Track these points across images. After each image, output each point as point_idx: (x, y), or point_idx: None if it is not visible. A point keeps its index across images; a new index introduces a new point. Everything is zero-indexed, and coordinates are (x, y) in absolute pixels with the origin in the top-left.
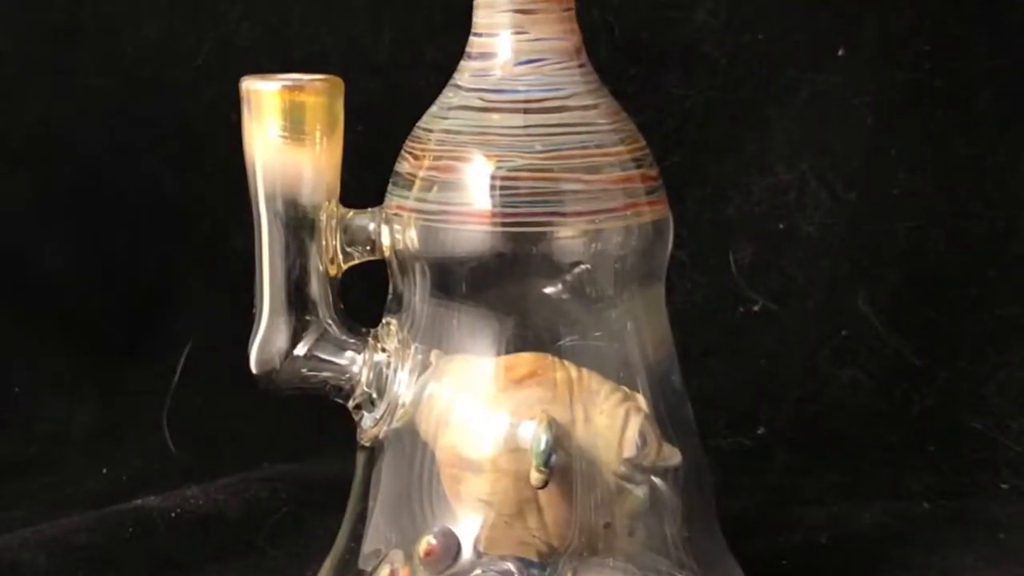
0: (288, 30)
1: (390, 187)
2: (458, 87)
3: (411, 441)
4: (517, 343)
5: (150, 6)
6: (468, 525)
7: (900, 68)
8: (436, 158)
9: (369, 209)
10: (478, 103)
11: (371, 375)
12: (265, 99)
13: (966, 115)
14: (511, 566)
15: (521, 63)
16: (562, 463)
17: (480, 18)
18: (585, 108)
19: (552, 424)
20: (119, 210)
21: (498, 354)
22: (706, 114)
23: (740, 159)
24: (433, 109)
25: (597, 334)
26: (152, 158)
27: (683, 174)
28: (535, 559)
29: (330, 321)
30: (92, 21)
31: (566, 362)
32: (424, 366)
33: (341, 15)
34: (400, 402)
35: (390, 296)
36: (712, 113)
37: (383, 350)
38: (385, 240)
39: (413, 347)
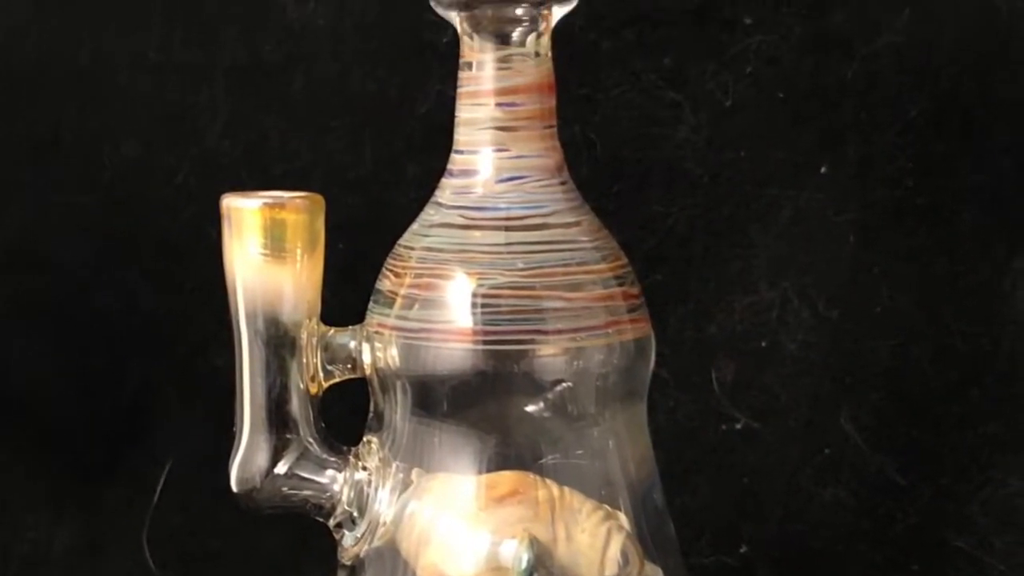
0: (269, 147)
1: (371, 305)
2: (439, 204)
3: (392, 560)
4: (498, 461)
5: (130, 123)
6: None
7: (882, 186)
8: (417, 276)
9: (350, 327)
10: (460, 220)
11: (352, 493)
12: (245, 216)
13: (948, 233)
14: None
15: (503, 180)
16: None
17: (461, 135)
18: (567, 225)
19: (533, 543)
20: (99, 327)
21: (479, 472)
22: (688, 232)
23: (722, 277)
24: (414, 227)
25: (579, 452)
26: (132, 275)
27: (665, 292)
28: None
29: (311, 439)
30: (71, 137)
31: (548, 480)
32: (405, 484)
33: (322, 132)
34: (381, 520)
35: (371, 414)
36: (694, 231)
37: (364, 468)
38: (366, 358)
39: (394, 465)
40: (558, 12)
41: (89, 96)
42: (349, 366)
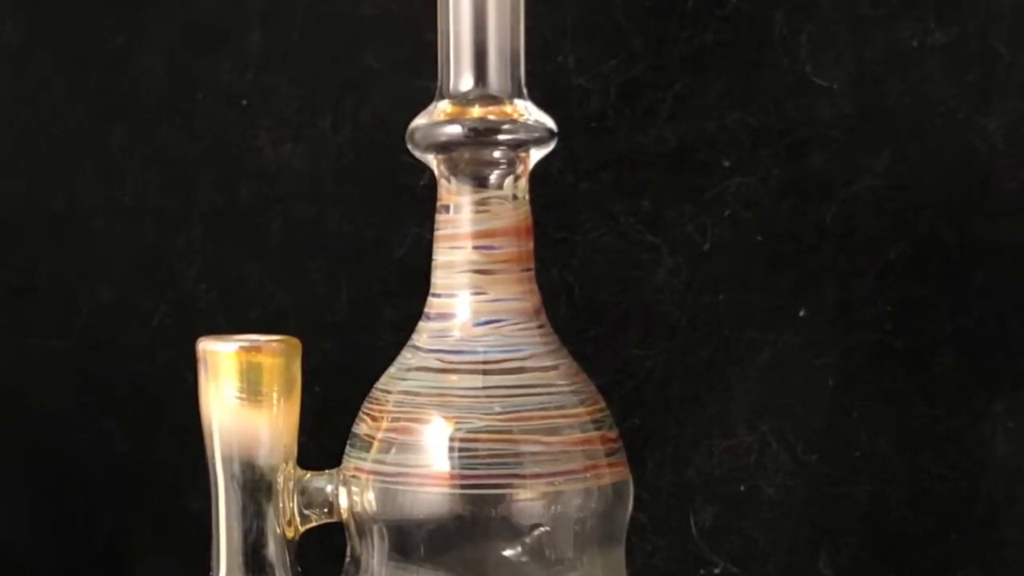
0: (245, 291)
1: (348, 449)
2: (416, 348)
3: None
4: None
5: (106, 267)
6: None
7: (861, 329)
8: (394, 419)
9: (327, 471)
10: (437, 364)
11: None
12: (222, 360)
13: (927, 377)
14: None
15: (480, 324)
16: None
17: (439, 278)
18: (544, 369)
19: None
20: (73, 471)
21: None
22: (666, 375)
23: (701, 421)
24: (391, 370)
25: None
26: (107, 419)
27: (643, 436)
28: None
29: None
30: (47, 281)
31: None
32: None
33: (298, 275)
34: None
35: (348, 559)
36: (672, 374)
37: None
38: (343, 502)
39: None
40: (536, 155)
41: (65, 241)
42: (326, 510)
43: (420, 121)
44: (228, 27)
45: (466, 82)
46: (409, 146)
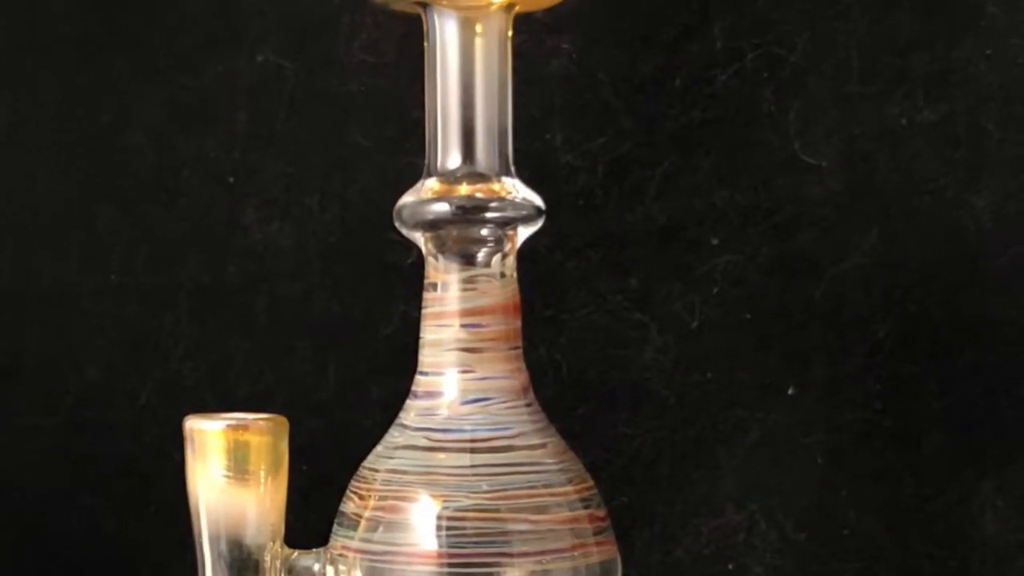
0: (232, 369)
1: (335, 527)
2: (404, 426)
3: None
4: None
5: (91, 346)
6: None
7: (850, 408)
8: (382, 498)
9: (314, 550)
10: (424, 443)
11: None
12: (209, 438)
13: (916, 455)
14: None
15: (467, 402)
16: None
17: (426, 356)
18: (532, 447)
19: None
20: (60, 550)
21: None
22: (654, 453)
23: (689, 499)
24: (379, 449)
25: None
26: (93, 498)
27: (631, 514)
28: None
29: None
30: (32, 361)
31: None
32: None
33: (285, 353)
34: None
35: None
36: (660, 452)
37: None
38: None
39: None
40: (524, 233)
41: (51, 320)
42: None
43: (407, 199)
44: (215, 105)
45: (454, 159)
46: (396, 224)
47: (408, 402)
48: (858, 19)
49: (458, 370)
